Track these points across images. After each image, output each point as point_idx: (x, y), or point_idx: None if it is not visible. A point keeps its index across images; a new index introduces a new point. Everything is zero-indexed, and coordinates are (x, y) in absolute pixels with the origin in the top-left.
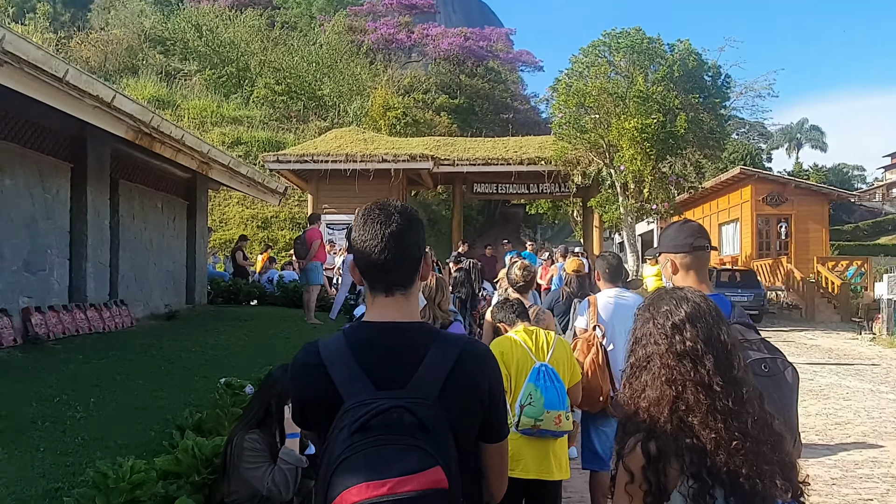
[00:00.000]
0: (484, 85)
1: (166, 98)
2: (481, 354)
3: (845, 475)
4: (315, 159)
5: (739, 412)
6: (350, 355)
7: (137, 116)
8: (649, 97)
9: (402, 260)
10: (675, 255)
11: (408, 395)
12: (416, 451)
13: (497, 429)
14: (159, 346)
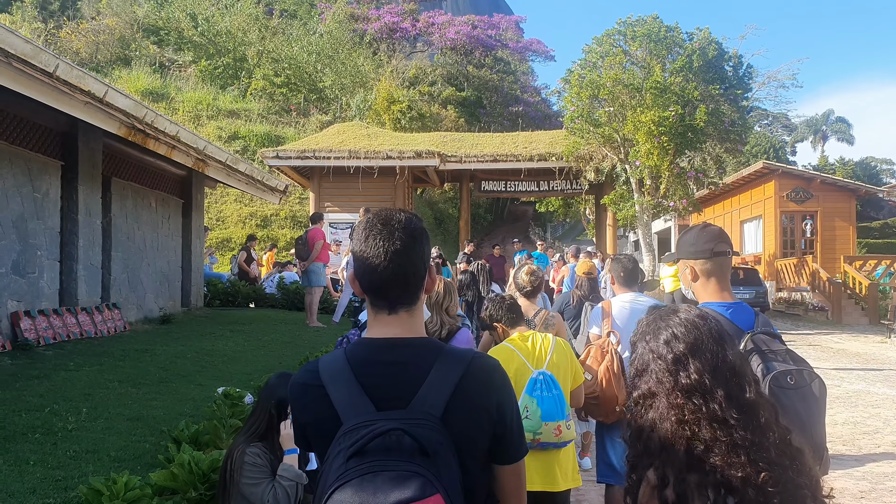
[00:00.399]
0: (492, 76)
1: (160, 90)
2: (489, 369)
3: (874, 488)
4: (317, 155)
5: (761, 442)
6: (350, 374)
7: (130, 112)
8: (667, 88)
9: (407, 278)
10: (696, 262)
11: (409, 415)
12: (415, 477)
13: (510, 449)
14: (154, 351)
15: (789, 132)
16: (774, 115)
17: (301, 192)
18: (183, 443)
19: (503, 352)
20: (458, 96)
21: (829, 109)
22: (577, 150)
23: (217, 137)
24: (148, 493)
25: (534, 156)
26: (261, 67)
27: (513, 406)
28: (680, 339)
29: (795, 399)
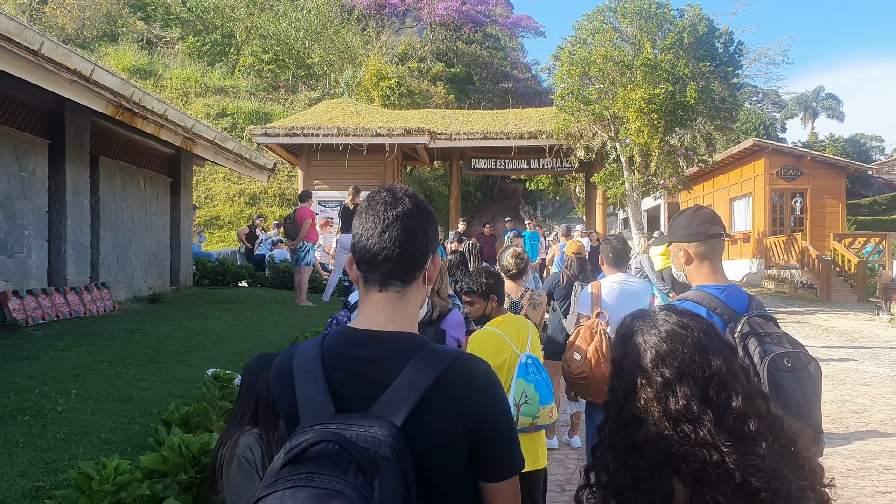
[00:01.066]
0: (482, 52)
1: (147, 67)
2: (471, 374)
3: (862, 466)
4: (305, 133)
5: (753, 456)
6: (319, 368)
7: (118, 90)
8: (657, 65)
9: (405, 248)
10: (689, 245)
11: (363, 421)
12: (338, 497)
13: (497, 465)
14: (143, 331)
15: (779, 109)
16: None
17: (290, 170)
18: (173, 425)
19: (495, 338)
20: (448, 73)
21: (819, 86)
22: (567, 127)
23: (205, 115)
24: (138, 476)
25: (524, 133)
26: (249, 44)
27: (499, 415)
28: (665, 359)
29: (793, 382)
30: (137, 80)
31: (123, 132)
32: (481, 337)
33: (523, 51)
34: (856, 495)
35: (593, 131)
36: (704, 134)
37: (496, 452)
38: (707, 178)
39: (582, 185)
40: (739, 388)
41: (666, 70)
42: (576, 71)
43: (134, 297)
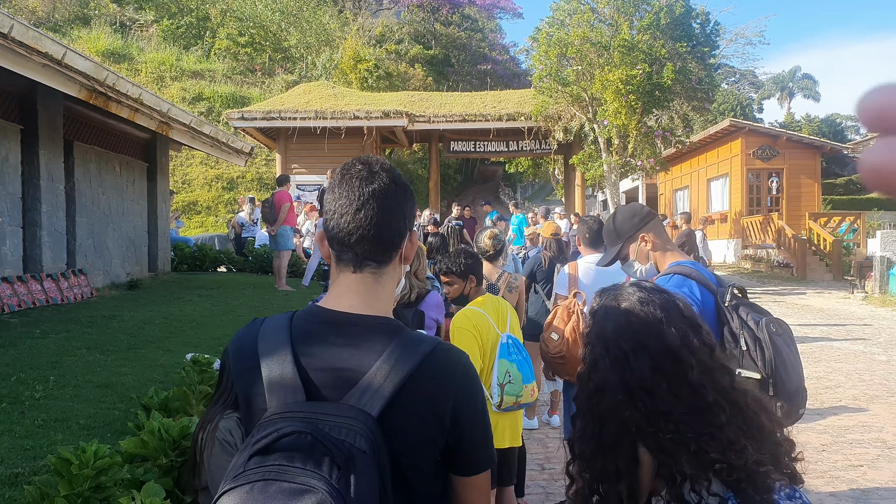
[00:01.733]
0: (460, 34)
1: (121, 51)
2: (449, 365)
3: (836, 440)
4: (282, 116)
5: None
6: (289, 348)
7: (91, 74)
8: (634, 46)
9: (381, 229)
10: (647, 233)
11: (337, 412)
12: (311, 494)
13: (470, 460)
14: (121, 317)
15: (756, 89)
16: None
17: (267, 154)
18: (152, 410)
19: (479, 317)
20: (426, 55)
21: (795, 66)
22: (545, 109)
23: (181, 99)
24: (118, 460)
25: (503, 115)
26: (224, 27)
27: (475, 410)
28: (622, 332)
29: (785, 344)
30: (111, 64)
31: (98, 117)
32: (467, 315)
33: (501, 32)
34: (829, 469)
35: (571, 113)
36: (681, 115)
37: (472, 447)
38: (684, 158)
39: (561, 167)
40: (695, 363)
41: (643, 51)
42: (553, 52)
43: (111, 283)
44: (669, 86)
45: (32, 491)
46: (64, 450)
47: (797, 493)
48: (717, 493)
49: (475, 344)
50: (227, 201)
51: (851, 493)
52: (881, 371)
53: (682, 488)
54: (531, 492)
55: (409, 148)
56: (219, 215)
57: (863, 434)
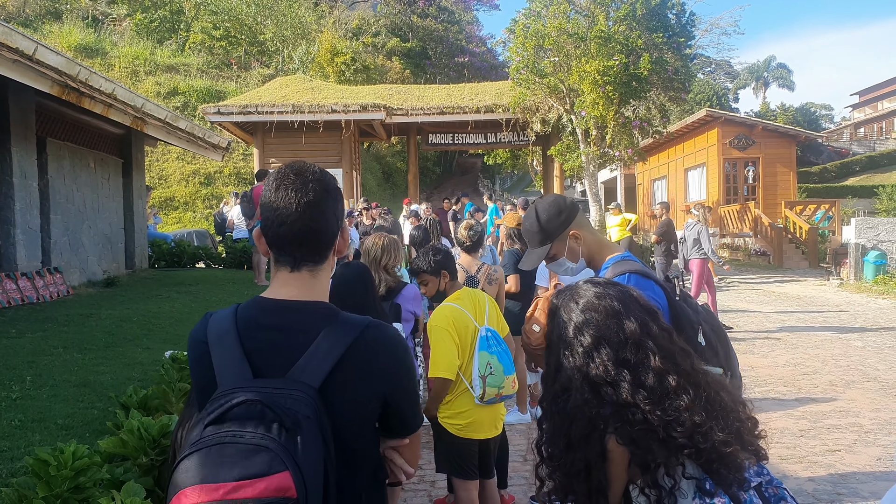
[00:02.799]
0: (437, 26)
1: (94, 45)
2: (382, 340)
3: (813, 426)
4: (259, 111)
5: (674, 411)
6: (234, 336)
7: (63, 70)
8: (611, 37)
9: (315, 234)
10: (577, 228)
11: (281, 385)
12: (264, 452)
13: (403, 424)
14: (98, 315)
15: (732, 79)
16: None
17: (245, 149)
18: (132, 408)
19: (455, 312)
20: (403, 47)
21: (770, 56)
22: (523, 101)
23: (156, 94)
24: (97, 460)
25: (480, 108)
26: (199, 20)
27: (408, 377)
28: (581, 329)
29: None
30: (84, 59)
31: (71, 113)
32: (444, 313)
33: (478, 24)
34: (807, 454)
35: (549, 104)
36: (658, 105)
37: (402, 412)
38: (662, 149)
39: (539, 159)
40: (656, 348)
41: (619, 42)
42: (530, 44)
43: (88, 281)
44: (646, 76)
45: (10, 493)
46: (42, 451)
47: (764, 470)
48: (693, 476)
49: (450, 341)
50: (205, 197)
51: (830, 478)
52: (857, 357)
53: (657, 474)
54: (514, 483)
55: (387, 141)
56: (196, 211)
57: (840, 419)
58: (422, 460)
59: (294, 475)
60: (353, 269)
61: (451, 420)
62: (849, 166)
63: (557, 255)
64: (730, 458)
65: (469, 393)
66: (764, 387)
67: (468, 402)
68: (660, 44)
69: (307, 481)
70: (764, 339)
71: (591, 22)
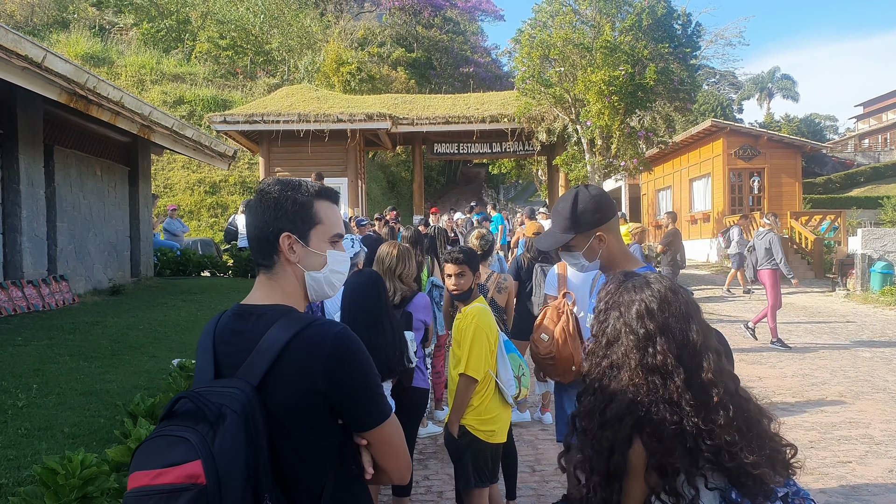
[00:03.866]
0: (442, 36)
1: (101, 55)
2: (320, 336)
3: (823, 437)
4: (265, 120)
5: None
6: (211, 340)
7: (71, 77)
8: (617, 47)
9: (251, 239)
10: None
11: (225, 384)
12: (183, 443)
13: (359, 416)
14: (104, 324)
15: (736, 90)
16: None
17: (250, 158)
18: (139, 417)
19: (490, 315)
20: (409, 57)
21: (774, 67)
22: (528, 110)
23: (162, 102)
24: (105, 469)
25: (486, 117)
26: (205, 30)
27: (351, 373)
28: (653, 315)
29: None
30: (91, 68)
31: (78, 121)
32: (484, 316)
33: (483, 35)
34: (818, 465)
35: (554, 114)
36: (664, 115)
37: (354, 406)
38: (667, 158)
39: (544, 168)
40: (712, 363)
41: (625, 52)
42: (536, 54)
43: (94, 289)
44: (652, 86)
45: (17, 502)
46: (49, 459)
47: (791, 481)
48: (717, 486)
49: (487, 343)
50: (210, 205)
51: (841, 490)
52: (865, 367)
53: (676, 480)
54: (522, 494)
55: (392, 150)
56: (201, 219)
57: (850, 430)
58: (427, 471)
59: (206, 464)
60: (366, 277)
61: (483, 427)
62: (853, 177)
63: (576, 247)
64: (757, 478)
65: (497, 396)
66: (772, 398)
67: (497, 405)
68: (665, 54)
69: (220, 470)
70: (771, 350)
71: (596, 32)
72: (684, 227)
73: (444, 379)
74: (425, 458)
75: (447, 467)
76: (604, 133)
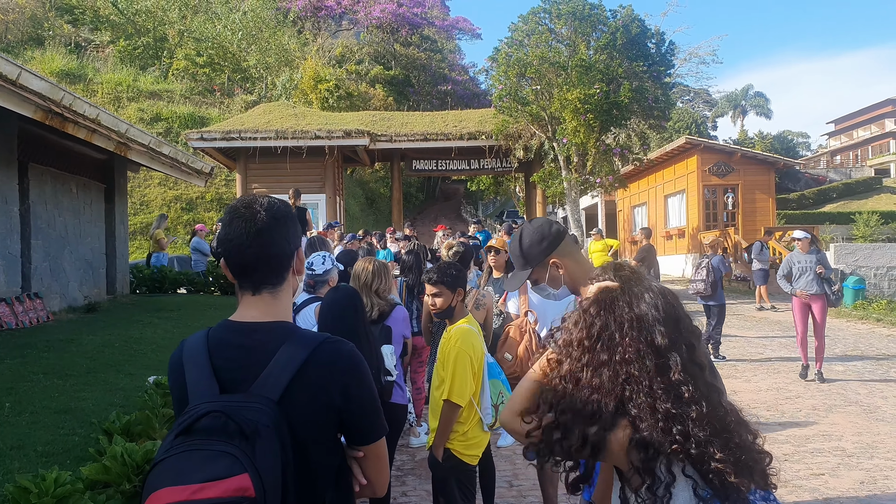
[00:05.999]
0: (420, 54)
1: (76, 72)
2: (336, 354)
3: (797, 450)
4: (243, 136)
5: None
6: (205, 356)
7: (47, 95)
8: (592, 66)
9: (269, 259)
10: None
11: (242, 399)
12: (226, 457)
13: (362, 432)
14: (80, 341)
15: (710, 107)
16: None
17: (227, 175)
18: (115, 434)
19: (475, 337)
20: (387, 75)
21: (748, 84)
22: (505, 128)
23: (139, 119)
24: (79, 487)
25: (464, 134)
26: (182, 47)
27: (362, 389)
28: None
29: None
30: (67, 85)
31: (54, 138)
32: (468, 339)
33: (460, 53)
34: (791, 478)
35: (531, 132)
36: (639, 133)
37: (361, 422)
38: (642, 175)
39: (522, 185)
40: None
41: (600, 70)
42: (512, 72)
43: (69, 306)
44: (626, 104)
45: None
46: (22, 478)
47: (771, 496)
48: (692, 476)
49: (471, 367)
50: (187, 222)
51: (815, 502)
52: (839, 380)
53: (655, 461)
54: None
55: (371, 167)
56: (178, 236)
57: (823, 443)
58: (405, 487)
59: (253, 477)
60: (342, 293)
61: (468, 451)
62: (826, 193)
63: (539, 280)
64: (724, 477)
65: (481, 421)
66: (747, 412)
67: (480, 429)
68: (640, 72)
69: (265, 483)
70: (746, 364)
71: (572, 51)
72: (660, 242)
73: (424, 395)
74: (403, 474)
75: (425, 483)
76: (579, 150)
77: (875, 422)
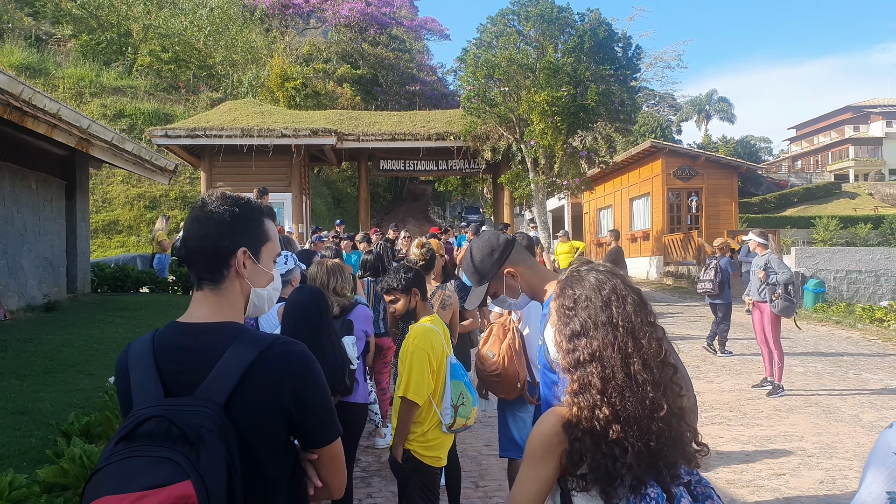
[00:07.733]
0: (388, 54)
1: (37, 66)
2: (286, 356)
3: (759, 450)
4: (208, 134)
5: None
6: (150, 359)
7: (5, 88)
8: (559, 69)
9: (198, 252)
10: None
11: (186, 402)
12: (168, 463)
13: (315, 434)
14: (38, 341)
15: (675, 111)
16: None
17: (192, 172)
18: (73, 436)
19: (434, 335)
20: (354, 74)
21: (712, 89)
22: (473, 129)
23: (102, 116)
24: (36, 490)
25: (432, 135)
26: (147, 43)
27: (315, 392)
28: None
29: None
30: (27, 79)
31: (12, 132)
32: (426, 336)
33: (429, 53)
34: (753, 478)
35: (499, 133)
36: (605, 136)
37: (314, 424)
38: (608, 178)
39: (489, 186)
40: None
41: (567, 73)
42: (481, 73)
43: (27, 305)
44: (593, 107)
45: None
46: None
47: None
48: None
49: (428, 365)
50: (150, 220)
51: (776, 502)
52: (799, 382)
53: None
54: None
55: (338, 166)
56: (140, 235)
57: (784, 443)
58: (370, 489)
59: (196, 484)
60: (306, 294)
61: (428, 453)
62: (787, 197)
63: (497, 292)
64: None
65: (440, 422)
66: (710, 412)
67: (440, 431)
68: (606, 76)
69: (210, 490)
70: (709, 366)
71: (540, 53)
72: (625, 245)
73: (388, 395)
74: (369, 475)
75: (391, 485)
76: (547, 152)
77: (834, 422)
